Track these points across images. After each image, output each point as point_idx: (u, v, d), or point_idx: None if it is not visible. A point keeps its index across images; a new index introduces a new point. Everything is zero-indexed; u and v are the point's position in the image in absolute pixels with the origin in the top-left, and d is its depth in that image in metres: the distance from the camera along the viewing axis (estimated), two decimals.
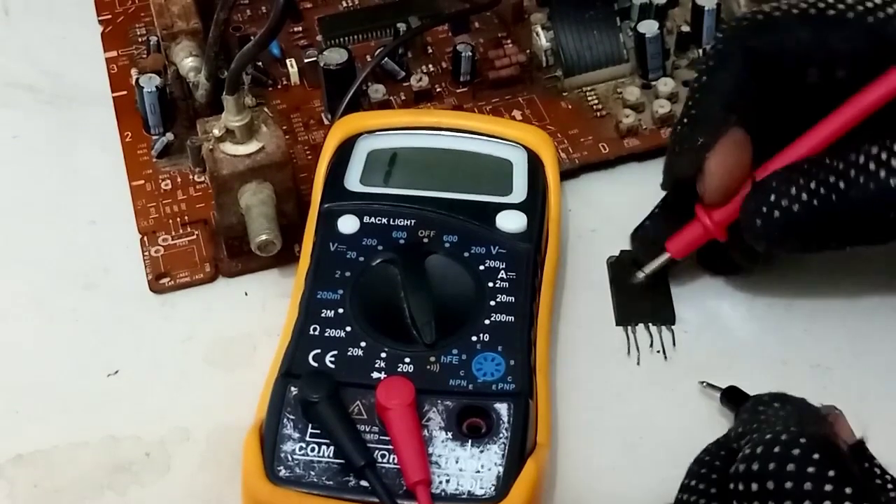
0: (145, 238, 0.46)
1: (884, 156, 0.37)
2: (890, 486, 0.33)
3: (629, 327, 0.43)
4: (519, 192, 0.44)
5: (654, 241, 0.43)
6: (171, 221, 0.47)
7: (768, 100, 0.40)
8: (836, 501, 0.30)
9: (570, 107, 0.51)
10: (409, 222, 0.42)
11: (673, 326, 0.43)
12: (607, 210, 0.47)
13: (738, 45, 0.40)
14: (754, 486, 0.31)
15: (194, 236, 0.47)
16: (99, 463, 0.40)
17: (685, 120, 0.41)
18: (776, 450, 0.31)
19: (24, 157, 0.50)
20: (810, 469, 0.31)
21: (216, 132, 0.43)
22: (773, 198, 0.39)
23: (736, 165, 0.40)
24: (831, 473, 0.31)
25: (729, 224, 0.41)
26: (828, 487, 0.30)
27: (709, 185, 0.40)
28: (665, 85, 0.50)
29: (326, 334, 0.39)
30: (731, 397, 0.40)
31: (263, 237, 0.42)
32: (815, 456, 0.31)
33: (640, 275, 0.43)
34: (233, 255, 0.45)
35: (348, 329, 0.39)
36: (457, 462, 0.36)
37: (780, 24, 0.40)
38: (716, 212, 0.41)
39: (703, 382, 0.41)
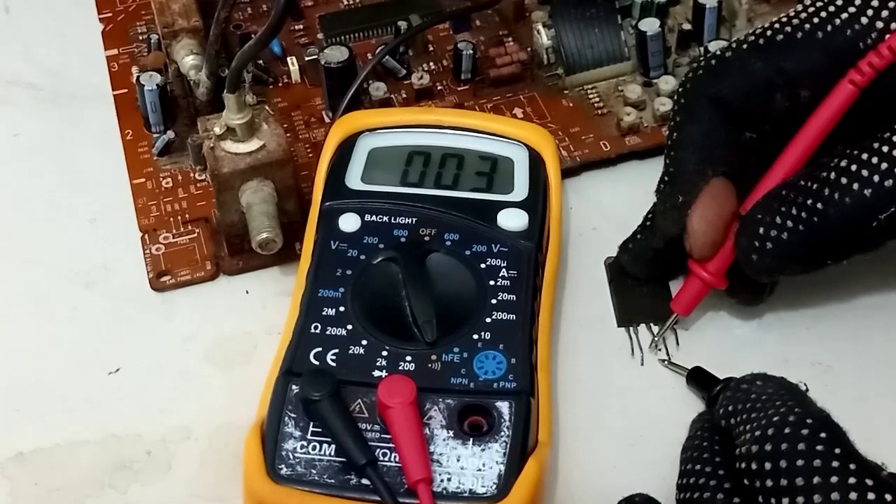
0: (146, 236, 0.46)
1: (853, 167, 0.37)
2: (882, 461, 0.34)
3: (631, 328, 0.43)
4: (520, 190, 0.44)
5: (645, 256, 0.43)
6: (171, 219, 0.47)
7: (743, 141, 0.40)
8: (842, 476, 0.31)
9: (571, 105, 0.51)
10: (410, 220, 0.42)
11: (675, 325, 0.43)
12: (609, 208, 0.47)
13: (699, 95, 0.40)
14: (767, 465, 0.33)
15: (195, 234, 0.46)
16: (100, 461, 0.40)
17: (665, 179, 0.41)
18: (787, 430, 0.33)
19: (25, 156, 0.50)
20: (819, 447, 0.32)
21: (217, 130, 0.43)
22: (761, 230, 0.39)
23: (718, 218, 0.40)
24: (838, 451, 0.32)
25: (725, 271, 0.41)
26: (835, 464, 0.32)
27: (694, 242, 0.40)
28: (666, 83, 0.50)
29: (328, 332, 0.39)
30: (698, 378, 0.40)
31: (264, 235, 0.42)
32: (823, 435, 0.32)
33: (659, 350, 0.42)
34: (234, 254, 0.45)
35: (349, 327, 0.39)
36: (458, 460, 0.36)
37: (735, 63, 0.40)
38: (710, 263, 0.41)
39: (664, 361, 0.42)
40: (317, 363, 0.39)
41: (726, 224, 0.40)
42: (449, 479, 0.36)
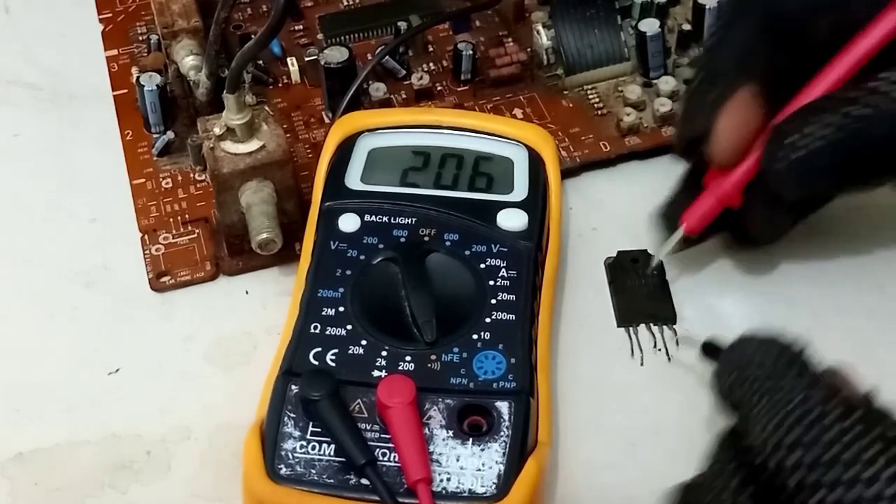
0: (146, 236, 0.46)
1: None
2: None
3: (631, 328, 0.43)
4: (520, 190, 0.44)
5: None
6: (171, 220, 0.47)
7: (781, 58, 0.40)
8: (888, 460, 0.29)
9: (571, 105, 0.51)
10: (409, 221, 0.42)
11: (674, 325, 0.43)
12: (608, 209, 0.47)
13: (749, 4, 0.40)
14: (798, 457, 0.30)
15: (195, 235, 0.46)
16: (100, 461, 0.40)
17: (698, 76, 0.41)
18: (812, 416, 0.31)
19: (25, 156, 0.50)
20: (857, 430, 0.30)
21: (217, 130, 0.43)
22: (794, 137, 0.38)
23: (745, 123, 0.39)
24: (876, 433, 0.30)
25: (743, 187, 0.40)
26: (877, 447, 0.30)
27: (718, 142, 0.40)
28: (666, 83, 0.50)
29: (327, 332, 0.39)
30: (710, 351, 0.39)
31: (264, 235, 0.42)
32: (857, 415, 0.30)
33: (655, 259, 0.42)
34: (233, 254, 0.45)
35: (349, 327, 0.39)
36: (458, 460, 0.36)
37: None
38: (729, 175, 0.40)
39: (674, 340, 0.41)
40: (316, 363, 0.39)
41: (752, 133, 0.39)
42: (448, 479, 0.36)
